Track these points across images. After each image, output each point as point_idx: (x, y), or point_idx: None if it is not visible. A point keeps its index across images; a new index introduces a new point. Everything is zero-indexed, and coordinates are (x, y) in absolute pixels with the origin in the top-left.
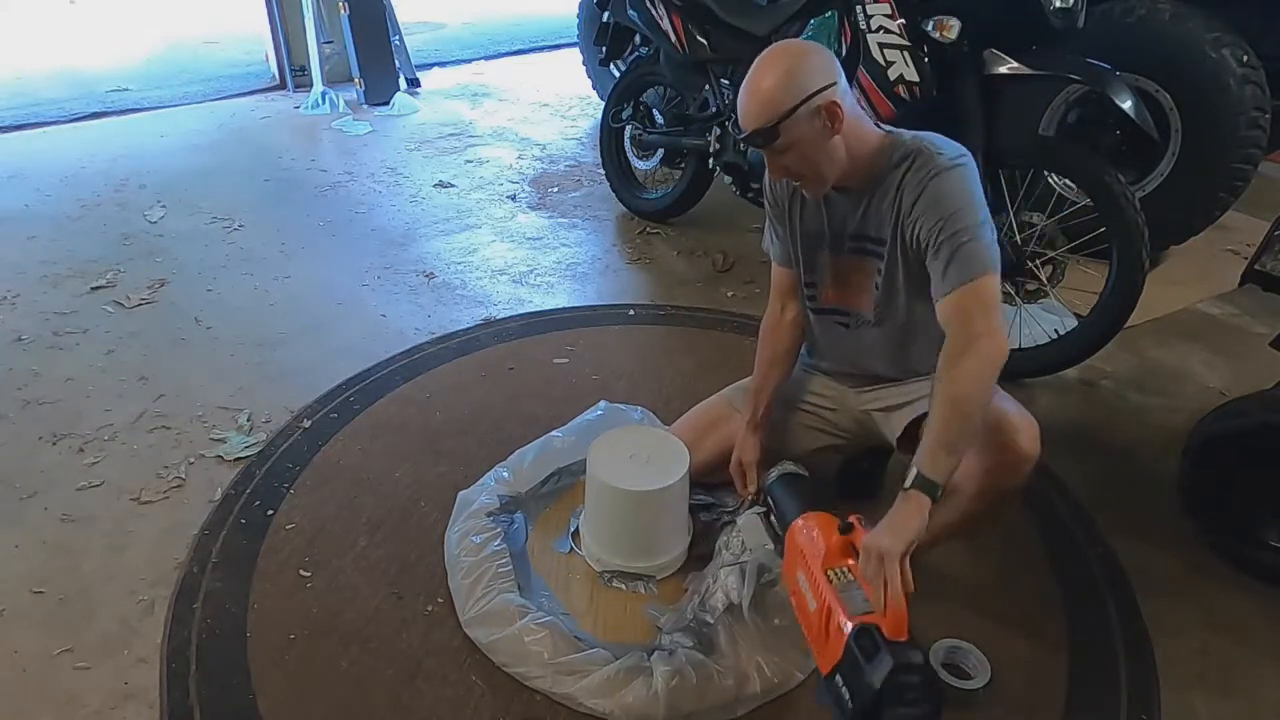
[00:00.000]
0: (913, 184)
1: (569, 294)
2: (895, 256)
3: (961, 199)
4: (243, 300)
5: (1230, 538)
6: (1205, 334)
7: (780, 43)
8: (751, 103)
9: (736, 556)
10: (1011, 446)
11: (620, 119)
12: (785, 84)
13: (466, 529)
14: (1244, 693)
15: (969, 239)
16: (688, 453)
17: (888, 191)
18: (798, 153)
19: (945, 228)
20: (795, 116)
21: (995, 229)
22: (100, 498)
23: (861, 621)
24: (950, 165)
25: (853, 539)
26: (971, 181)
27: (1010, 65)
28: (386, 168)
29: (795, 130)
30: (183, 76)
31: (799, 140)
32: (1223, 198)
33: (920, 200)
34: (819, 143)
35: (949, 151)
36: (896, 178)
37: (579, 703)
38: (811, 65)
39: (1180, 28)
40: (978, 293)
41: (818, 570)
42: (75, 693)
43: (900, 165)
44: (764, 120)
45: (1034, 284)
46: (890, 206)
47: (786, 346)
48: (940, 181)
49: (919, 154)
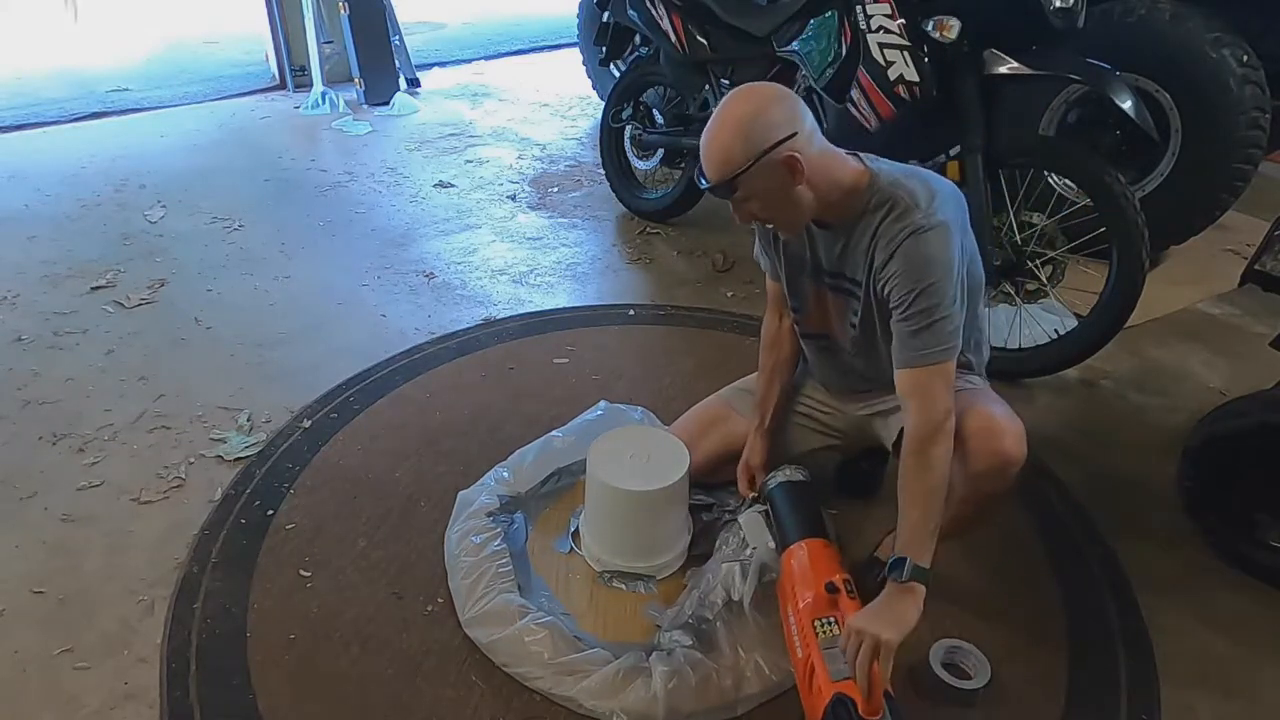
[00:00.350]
0: (887, 237)
1: (569, 294)
2: (870, 302)
3: (937, 270)
4: (243, 300)
5: (1230, 538)
6: (1205, 334)
7: (743, 88)
8: (708, 155)
9: (737, 553)
10: (998, 451)
11: (620, 119)
12: (741, 138)
13: (466, 529)
14: (1244, 693)
15: (941, 316)
16: (688, 453)
17: (864, 236)
18: (759, 202)
19: (918, 299)
20: (750, 172)
21: (960, 302)
22: (100, 498)
23: (840, 691)
24: (929, 226)
25: (837, 600)
26: (950, 248)
27: (1010, 65)
28: (386, 168)
29: (752, 184)
30: (183, 76)
31: (757, 193)
32: (1223, 198)
33: (894, 260)
34: (781, 193)
35: (927, 206)
36: (873, 223)
37: (579, 703)
38: (769, 119)
39: (1180, 28)
40: (945, 373)
41: (805, 619)
42: (75, 693)
43: (877, 211)
44: (720, 176)
45: (1034, 284)
46: (865, 253)
47: (787, 354)
48: (916, 244)
49: (896, 204)
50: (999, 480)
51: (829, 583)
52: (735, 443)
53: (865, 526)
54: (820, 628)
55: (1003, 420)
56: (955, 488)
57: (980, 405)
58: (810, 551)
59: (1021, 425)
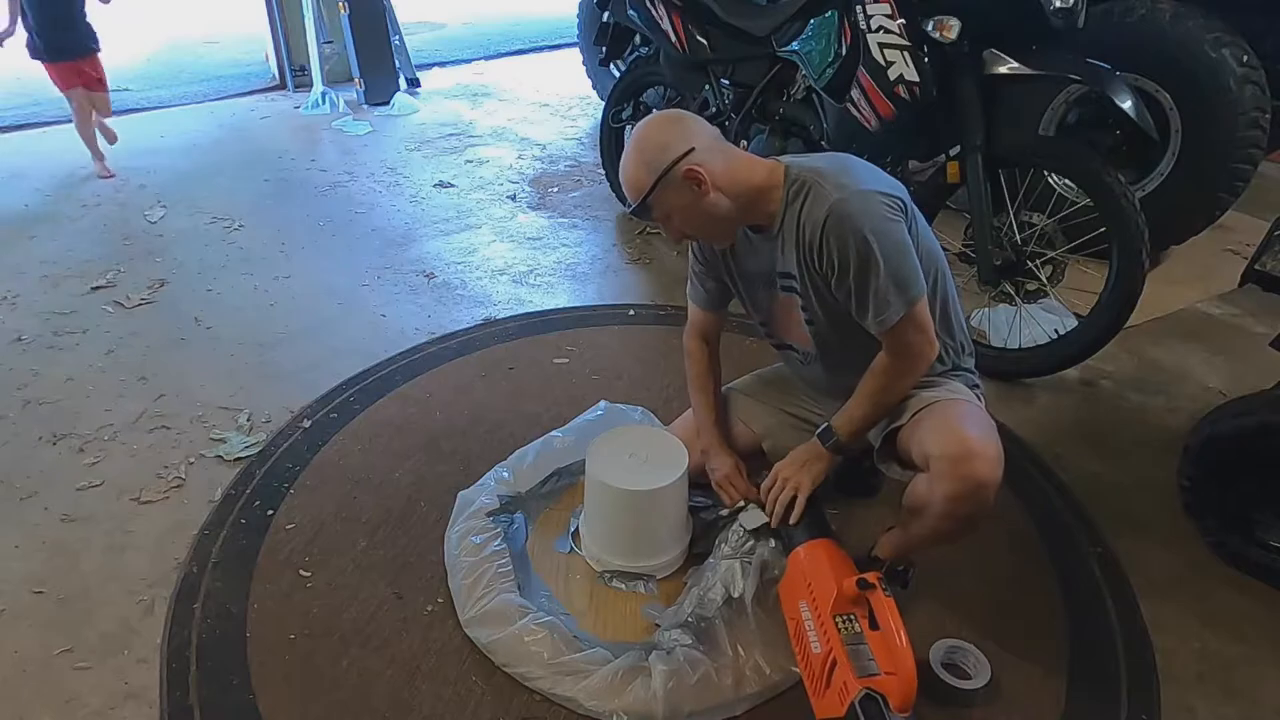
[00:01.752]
0: (810, 223)
1: (569, 294)
2: (809, 292)
3: (862, 229)
4: (243, 300)
5: (1230, 538)
6: (1205, 334)
7: (643, 120)
8: (624, 184)
9: (736, 550)
10: (968, 475)
11: (620, 119)
12: (644, 165)
13: (466, 529)
14: (1244, 693)
15: (885, 272)
16: (687, 453)
17: (791, 229)
18: (679, 219)
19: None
20: (657, 193)
21: (905, 247)
22: (100, 498)
23: (869, 686)
24: (844, 197)
25: (868, 596)
26: (869, 204)
27: (1010, 65)
28: (386, 168)
29: (665, 203)
30: (183, 76)
31: (674, 209)
32: (1223, 198)
33: (823, 244)
34: (694, 206)
35: (839, 179)
36: (796, 213)
37: (579, 703)
38: (663, 141)
39: (1180, 28)
40: (914, 320)
41: (826, 613)
42: (75, 693)
43: (796, 200)
44: (633, 200)
45: (1034, 284)
46: (795, 246)
47: (706, 367)
48: (838, 220)
49: (811, 187)
50: (973, 503)
51: (860, 579)
52: (734, 443)
53: (865, 526)
54: (842, 625)
55: (976, 443)
56: (931, 506)
57: (955, 424)
58: (824, 550)
59: (997, 447)
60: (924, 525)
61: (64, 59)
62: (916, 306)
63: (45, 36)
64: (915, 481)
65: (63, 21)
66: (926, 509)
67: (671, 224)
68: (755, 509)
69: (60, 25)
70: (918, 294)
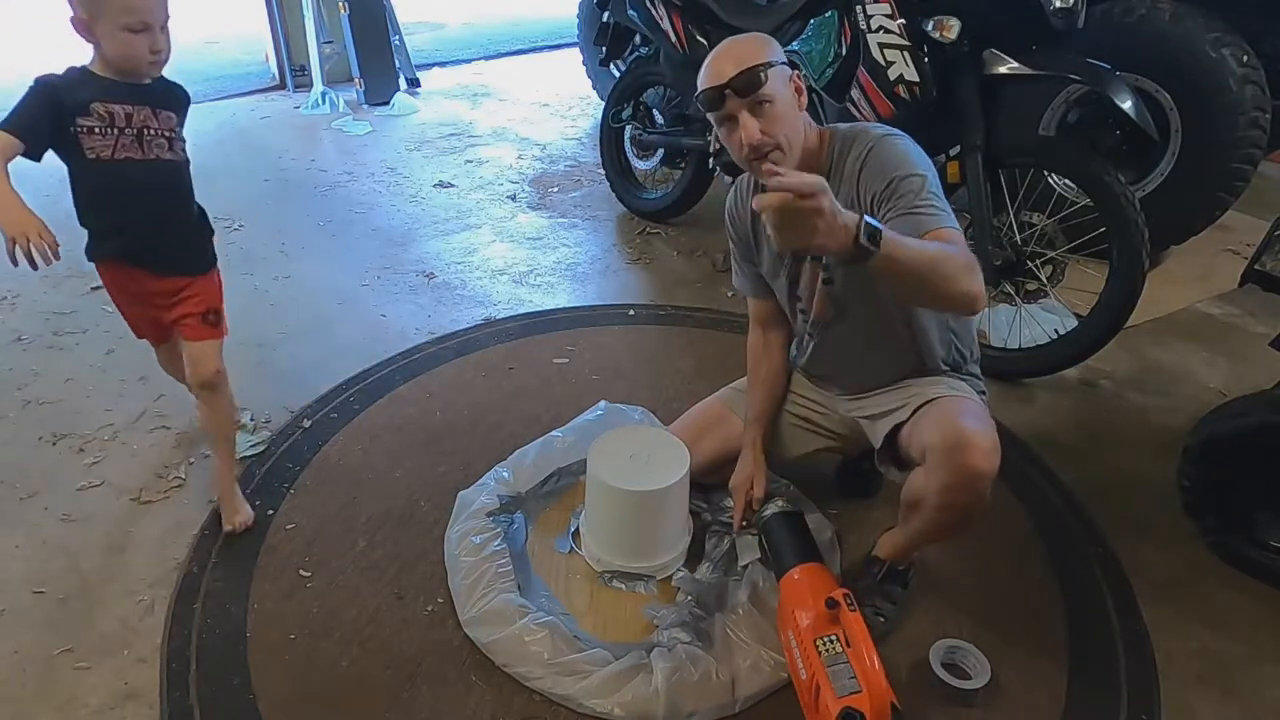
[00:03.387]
0: (853, 161)
1: (569, 294)
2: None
3: (903, 162)
4: (243, 300)
5: (1230, 538)
6: (1205, 334)
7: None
8: (728, 57)
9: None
10: (964, 465)
11: (620, 119)
12: (760, 44)
13: (466, 529)
14: (1244, 693)
15: (919, 201)
16: (688, 453)
17: (837, 175)
18: (775, 111)
19: (899, 185)
20: (774, 69)
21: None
22: (100, 498)
23: (847, 705)
24: (884, 134)
25: (838, 616)
26: (912, 149)
27: (1010, 65)
28: (386, 168)
29: (774, 83)
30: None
31: (777, 96)
32: (1223, 198)
33: (863, 173)
34: (792, 107)
35: (883, 129)
36: (840, 170)
37: (579, 703)
38: (776, 45)
39: (1180, 28)
40: (952, 236)
41: (808, 640)
42: (75, 693)
43: (842, 158)
44: (748, 63)
45: (1034, 284)
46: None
47: (777, 366)
48: (879, 149)
49: (858, 134)
50: (969, 494)
51: (829, 599)
52: (735, 443)
53: (865, 526)
54: (822, 647)
55: (972, 434)
56: (927, 498)
57: (952, 417)
58: (807, 575)
59: (994, 439)
60: (922, 519)
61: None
62: (953, 230)
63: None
64: (913, 475)
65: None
66: (923, 501)
67: (761, 113)
68: (750, 540)
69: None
70: (952, 224)
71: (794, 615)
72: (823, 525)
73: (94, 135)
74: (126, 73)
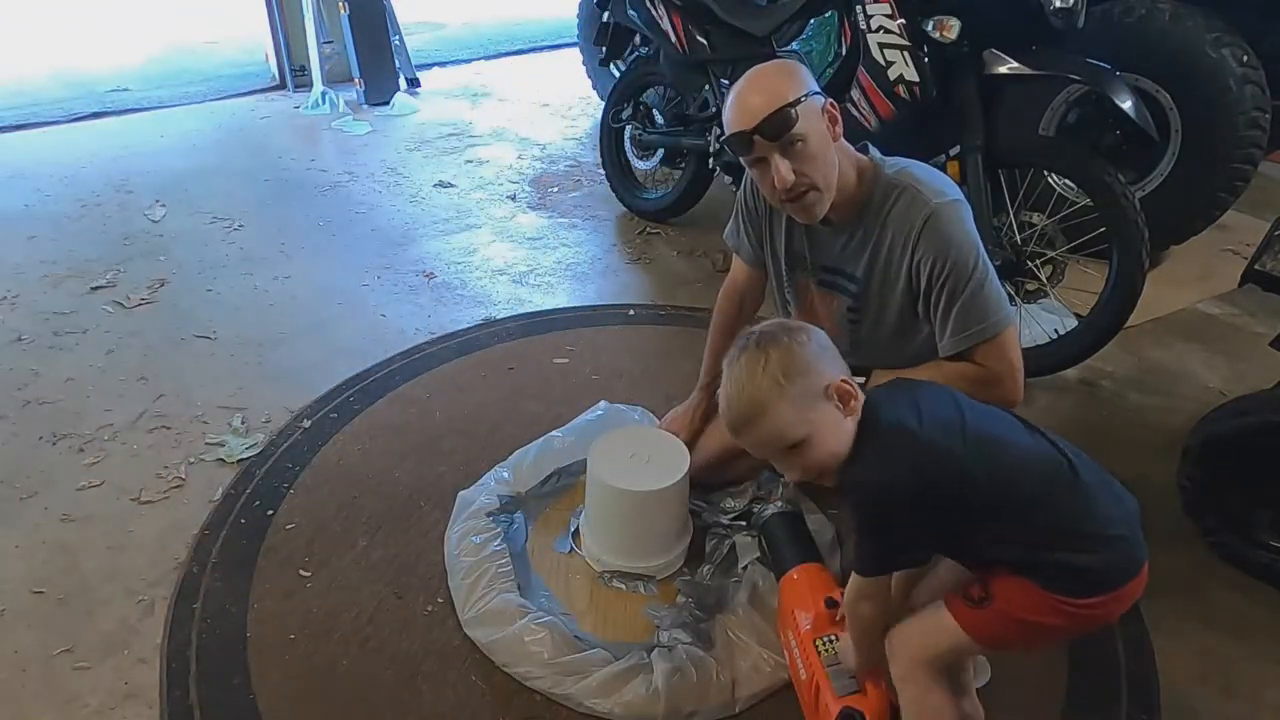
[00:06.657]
0: (902, 221)
1: (569, 294)
2: (867, 296)
3: (964, 243)
4: (243, 300)
5: (1230, 538)
6: (1205, 334)
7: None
8: (755, 93)
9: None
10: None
11: (620, 119)
12: (789, 79)
13: (466, 529)
14: (1244, 693)
15: (982, 290)
16: (688, 453)
17: (872, 229)
18: (808, 150)
19: (950, 272)
20: (805, 105)
21: (999, 286)
22: (100, 498)
23: (847, 705)
24: (944, 201)
25: (837, 615)
26: (970, 221)
27: (1010, 65)
28: (386, 168)
29: (806, 120)
30: (183, 76)
31: (810, 133)
32: (1223, 198)
33: (916, 241)
34: (826, 142)
35: (938, 184)
36: (882, 214)
37: (579, 703)
38: (806, 73)
39: (1180, 28)
40: (1001, 350)
41: (807, 640)
42: (75, 693)
43: (885, 202)
44: (776, 103)
45: (1034, 284)
46: (872, 244)
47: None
48: (938, 220)
49: (905, 190)
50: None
51: (829, 599)
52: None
53: None
54: (822, 647)
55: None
56: None
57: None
58: (806, 575)
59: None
60: None
61: None
62: (1010, 329)
63: None
64: None
65: None
66: None
67: (794, 153)
68: (748, 539)
69: None
70: (1010, 316)
71: (794, 615)
72: (824, 526)
73: None
74: None
